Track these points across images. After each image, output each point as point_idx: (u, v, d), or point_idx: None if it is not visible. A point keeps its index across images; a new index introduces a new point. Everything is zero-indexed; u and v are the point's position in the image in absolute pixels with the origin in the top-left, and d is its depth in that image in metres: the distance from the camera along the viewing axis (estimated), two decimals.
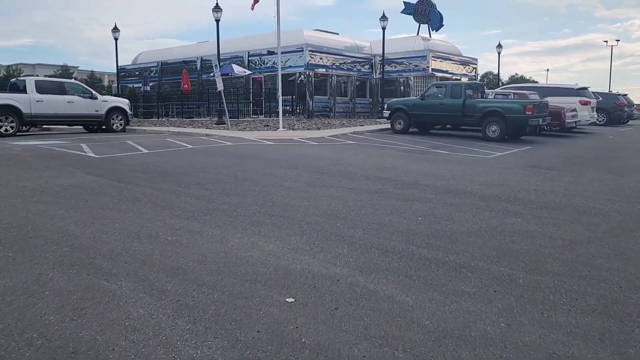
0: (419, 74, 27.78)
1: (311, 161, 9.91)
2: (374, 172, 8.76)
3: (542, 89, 18.74)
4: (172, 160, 9.69)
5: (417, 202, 6.39)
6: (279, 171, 8.64)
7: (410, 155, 11.36)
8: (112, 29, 24.97)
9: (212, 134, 16.39)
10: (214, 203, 6.15)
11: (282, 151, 11.49)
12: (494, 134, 14.78)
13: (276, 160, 9.99)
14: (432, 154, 11.63)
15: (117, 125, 19.21)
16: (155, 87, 32.67)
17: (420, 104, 16.49)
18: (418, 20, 30.64)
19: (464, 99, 15.43)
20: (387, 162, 9.99)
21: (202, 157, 10.22)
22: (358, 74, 28.73)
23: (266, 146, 12.68)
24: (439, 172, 8.92)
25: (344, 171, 8.75)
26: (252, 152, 11.29)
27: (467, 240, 4.76)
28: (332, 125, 20.31)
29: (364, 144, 13.58)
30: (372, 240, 4.67)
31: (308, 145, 13.18)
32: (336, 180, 7.84)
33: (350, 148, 12.55)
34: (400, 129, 17.14)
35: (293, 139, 14.58)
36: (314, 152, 11.51)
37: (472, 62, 31.50)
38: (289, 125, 19.56)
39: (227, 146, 12.53)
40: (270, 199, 6.41)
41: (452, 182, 7.90)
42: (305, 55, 25.03)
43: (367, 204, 6.22)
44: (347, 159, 10.40)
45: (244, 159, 10.13)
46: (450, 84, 16.00)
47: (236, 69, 24.32)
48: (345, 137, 15.66)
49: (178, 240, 4.56)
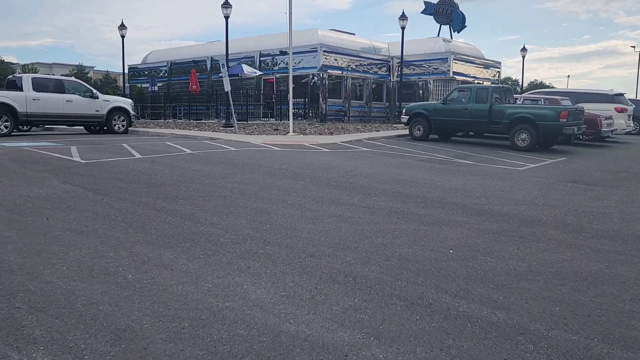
0: (438, 77, 26.64)
1: (320, 171, 8.89)
2: (391, 185, 7.71)
3: (575, 95, 17.50)
4: (165, 168, 8.74)
5: (446, 227, 5.32)
6: (283, 183, 7.63)
7: (432, 165, 10.28)
8: (119, 26, 24.28)
9: (217, 137, 15.47)
10: (199, 224, 5.15)
11: (289, 159, 10.49)
12: (523, 142, 13.61)
13: (281, 169, 8.99)
14: (456, 165, 10.53)
15: (119, 126, 18.42)
16: (164, 87, 32.00)
17: (442, 109, 15.38)
18: (439, 20, 29.53)
19: (490, 104, 14.29)
20: (406, 174, 8.92)
21: (199, 165, 9.26)
22: (375, 76, 27.68)
23: (272, 152, 11.69)
24: (467, 186, 7.84)
25: (357, 184, 7.71)
26: (256, 159, 10.31)
27: (516, 286, 3.69)
28: (345, 130, 19.28)
29: (380, 152, 12.52)
30: (393, 284, 3.63)
31: (318, 152, 12.16)
32: (348, 196, 6.80)
33: (364, 156, 11.51)
34: (419, 135, 16.04)
35: (303, 145, 13.58)
36: (325, 160, 10.49)
37: (495, 66, 30.25)
38: (300, 130, 18.58)
39: (230, 152, 11.57)
40: (268, 220, 5.40)
41: (483, 201, 6.81)
42: (320, 56, 24.07)
43: (385, 229, 5.17)
44: (361, 169, 9.36)
45: (246, 167, 9.15)
46: (476, 88, 14.87)
47: (246, 70, 23.44)
48: (359, 143, 14.61)
49: (140, 280, 3.56)
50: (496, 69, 30.35)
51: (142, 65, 35.36)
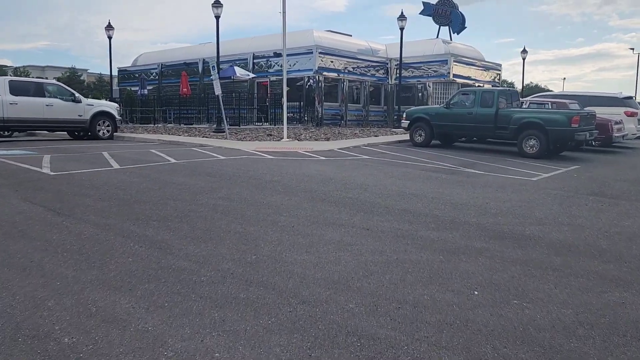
0: (438, 79, 25.93)
1: (316, 184, 8.07)
2: (396, 201, 6.90)
3: (582, 98, 16.76)
4: (143, 182, 7.90)
5: (464, 257, 4.51)
6: (274, 199, 6.80)
7: (438, 176, 9.48)
8: (106, 26, 23.44)
9: (206, 144, 14.63)
10: (171, 255, 4.32)
11: (282, 169, 9.67)
12: (532, 149, 12.84)
13: (273, 181, 8.16)
14: (464, 175, 9.74)
15: (104, 131, 17.56)
16: (154, 90, 31.16)
17: (444, 114, 14.60)
18: (438, 22, 28.84)
19: (496, 109, 13.52)
20: (411, 186, 8.12)
21: (182, 177, 8.42)
22: (372, 79, 26.92)
23: (265, 161, 10.87)
24: (480, 201, 7.03)
25: (358, 200, 6.90)
26: (246, 169, 9.48)
27: (567, 347, 2.88)
28: (343, 135, 18.49)
29: (381, 160, 11.72)
30: (410, 349, 2.81)
31: (314, 160, 11.35)
32: (348, 215, 5.99)
33: (364, 165, 10.70)
34: (420, 141, 15.25)
35: (298, 152, 12.76)
36: (321, 170, 9.68)
37: (495, 68, 29.56)
38: (295, 135, 17.77)
39: (218, 161, 10.74)
40: (253, 248, 4.58)
41: (501, 220, 6.01)
42: (315, 57, 23.29)
43: (392, 261, 4.36)
44: (361, 180, 8.55)
45: (234, 179, 8.32)
46: (481, 91, 14.11)
47: (238, 72, 22.62)
48: (358, 150, 13.81)
49: (76, 347, 2.73)
50: (497, 71, 29.66)
51: (132, 67, 34.51)
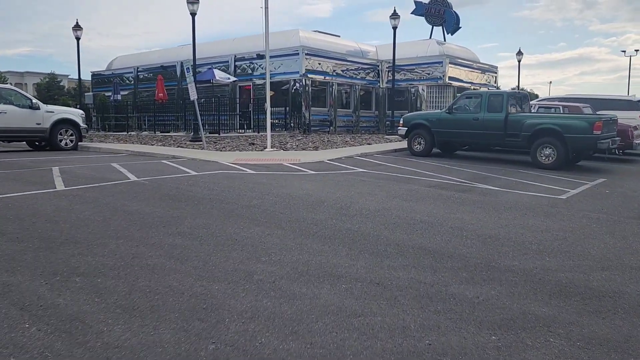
0: (432, 82, 24.67)
1: (305, 209, 6.58)
2: (408, 233, 5.43)
3: (594, 101, 15.53)
4: (86, 209, 6.34)
5: (528, 337, 3.05)
6: (251, 233, 5.30)
7: (450, 194, 8.04)
8: (74, 26, 21.76)
9: (179, 155, 13.08)
10: (78, 348, 2.79)
11: (263, 188, 8.17)
12: (547, 159, 11.50)
13: (251, 207, 6.65)
14: (479, 193, 8.32)
15: (67, 141, 15.95)
16: (130, 95, 29.49)
17: (447, 120, 13.23)
18: (431, 22, 27.62)
19: (506, 113, 12.18)
20: (421, 210, 6.67)
21: (137, 202, 6.87)
22: (362, 82, 25.56)
23: (243, 178, 9.35)
24: (513, 232, 5.60)
25: (359, 232, 5.42)
26: (219, 189, 7.96)
27: None
28: (333, 143, 17.03)
29: (378, 174, 10.27)
30: None
31: (302, 175, 9.86)
32: (348, 258, 4.51)
33: (360, 181, 9.24)
34: (420, 150, 13.86)
35: (283, 165, 11.27)
36: (310, 189, 8.20)
37: (492, 70, 28.41)
38: (280, 144, 16.27)
39: (188, 178, 9.20)
40: (212, 330, 3.07)
41: (551, 262, 4.58)
42: (302, 59, 21.85)
43: (424, 349, 2.88)
44: (358, 203, 7.07)
45: (202, 204, 6.79)
46: (487, 94, 12.75)
47: (218, 75, 21.09)
48: (351, 161, 12.35)
49: None
50: (493, 73, 28.51)
51: (106, 71, 32.82)
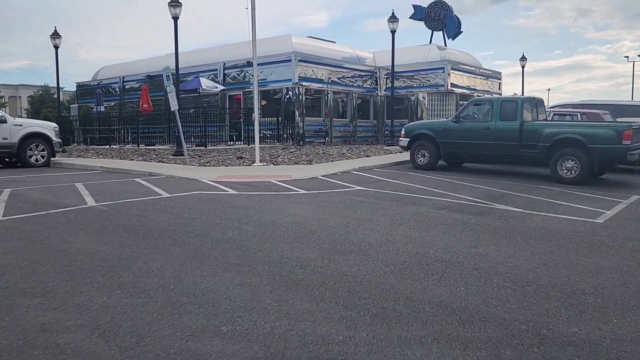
0: (433, 90, 23.55)
1: (290, 244, 5.36)
2: (420, 280, 4.21)
3: (611, 107, 14.41)
4: (10, 249, 5.11)
5: None
6: (216, 283, 4.07)
7: (465, 219, 6.82)
8: (52, 34, 20.62)
9: (156, 172, 11.85)
10: None
11: (243, 214, 6.94)
12: (570, 173, 10.32)
13: (224, 241, 5.42)
14: (500, 216, 7.10)
15: (37, 157, 14.74)
16: (117, 106, 28.32)
17: (454, 129, 12.05)
18: (431, 26, 26.61)
19: (520, 122, 11.01)
20: (434, 243, 5.45)
21: (83, 236, 5.63)
22: (360, 90, 24.43)
23: (222, 201, 8.13)
24: (556, 275, 4.39)
25: (357, 280, 4.19)
26: (190, 217, 6.73)
27: None
28: (328, 156, 15.84)
29: (379, 194, 9.06)
30: None
31: (291, 196, 8.64)
32: (342, 324, 3.28)
33: (359, 203, 8.02)
34: (424, 163, 12.66)
35: (271, 183, 10.05)
36: (299, 215, 6.98)
37: (495, 76, 27.34)
38: (271, 157, 15.07)
39: (157, 202, 7.97)
40: None
41: (624, 326, 3.36)
42: (294, 66, 20.72)
43: None
44: (357, 234, 5.85)
45: (163, 238, 5.56)
46: (499, 100, 11.58)
47: (205, 84, 19.93)
48: (348, 177, 11.15)
49: None
50: (496, 79, 27.44)
51: (92, 82, 31.66)
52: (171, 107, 13.96)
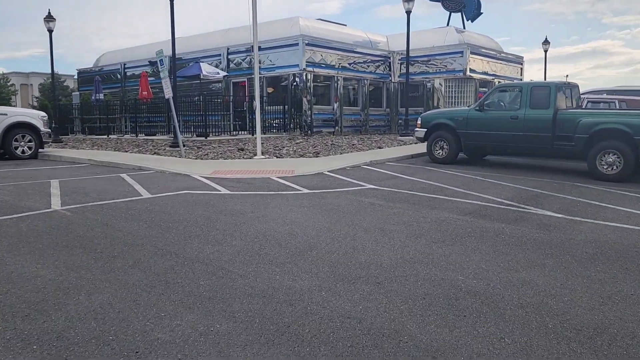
0: (450, 75, 22.25)
1: (281, 267, 4.31)
2: (448, 326, 3.14)
3: None
4: None
5: None
6: (170, 334, 3.03)
7: (497, 228, 5.72)
8: (45, 17, 19.64)
9: (146, 166, 10.86)
10: None
11: (231, 222, 5.91)
12: (611, 169, 9.14)
13: (198, 261, 4.39)
14: (537, 224, 5.98)
15: (24, 149, 13.83)
16: (118, 94, 27.41)
17: (477, 119, 10.88)
18: (448, 7, 25.26)
19: (554, 111, 9.81)
20: (462, 265, 4.37)
21: (23, 256, 4.64)
22: (372, 76, 23.21)
23: (210, 203, 7.10)
24: (632, 319, 3.30)
25: (364, 325, 3.13)
26: (165, 226, 5.71)
27: None
28: (337, 147, 14.74)
29: (394, 193, 7.97)
30: None
31: (292, 197, 7.59)
32: None
33: (369, 206, 6.94)
34: (442, 156, 11.52)
35: (270, 180, 9.01)
36: (297, 222, 5.93)
37: (517, 62, 25.92)
38: (275, 149, 14.02)
39: (132, 205, 6.96)
40: None
41: None
42: (302, 50, 19.56)
43: None
44: (366, 252, 4.79)
45: (122, 258, 4.55)
46: (530, 86, 10.36)
47: (205, 69, 18.87)
48: (357, 172, 10.06)
49: None
50: (518, 65, 26.02)
51: (94, 69, 30.76)
52: (165, 94, 12.94)
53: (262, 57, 20.81)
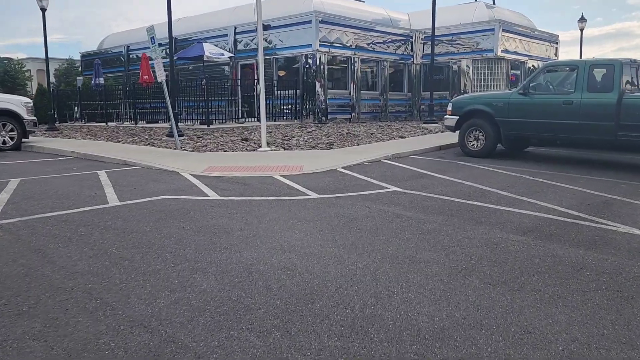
0: (479, 56, 20.42)
1: (265, 340, 2.86)
2: None
3: None
4: None
5: None
6: None
7: (574, 258, 4.18)
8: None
9: (133, 161, 9.48)
10: None
11: (208, 247, 4.48)
12: None
13: (141, 325, 2.95)
14: (625, 248, 4.42)
15: (5, 139, 12.61)
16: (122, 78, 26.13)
17: (520, 104, 9.24)
18: None
19: (619, 94, 8.14)
20: (553, 339, 2.85)
21: None
22: (392, 57, 21.49)
23: (190, 215, 5.66)
24: None
25: None
26: (116, 257, 4.30)
27: None
28: (354, 137, 13.19)
29: (424, 200, 6.44)
30: None
31: (295, 206, 6.11)
32: None
33: (395, 223, 5.44)
34: (478, 149, 9.93)
35: (272, 180, 7.54)
36: (300, 250, 4.47)
37: (552, 40, 23.90)
38: (283, 139, 12.54)
39: (90, 218, 5.57)
40: None
41: None
42: (315, 29, 17.92)
43: None
44: (395, 304, 3.31)
45: (31, 317, 3.15)
46: (587, 65, 8.64)
47: (208, 50, 17.36)
48: (377, 169, 8.54)
49: None
50: (553, 44, 24.00)
51: (97, 52, 29.51)
52: (157, 77, 11.51)
53: (272, 36, 19.27)
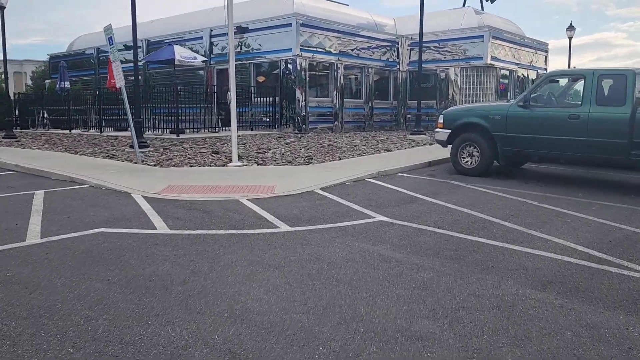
0: (468, 63, 19.64)
1: None
2: None
3: None
4: None
5: None
6: None
7: (622, 330, 3.22)
8: None
9: (81, 178, 8.35)
10: None
11: (136, 315, 3.45)
12: None
13: None
14: None
15: None
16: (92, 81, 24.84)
17: (520, 118, 8.32)
18: None
19: (633, 108, 7.27)
20: None
21: None
22: (377, 64, 20.60)
23: (124, 261, 4.60)
24: None
25: None
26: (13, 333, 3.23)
27: None
28: (335, 150, 12.19)
29: (417, 239, 5.45)
30: None
31: (260, 242, 5.07)
32: None
33: (381, 270, 4.45)
34: (472, 167, 9.00)
35: (238, 205, 6.49)
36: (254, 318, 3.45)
37: (542, 49, 23.28)
38: (258, 152, 11.49)
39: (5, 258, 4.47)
40: None
41: None
42: (296, 32, 16.93)
43: None
44: None
45: None
46: (595, 74, 7.76)
47: (179, 53, 16.22)
48: (361, 191, 7.53)
49: None
50: (543, 52, 23.40)
51: (67, 54, 28.16)
52: (116, 82, 10.42)
53: (250, 40, 18.26)
